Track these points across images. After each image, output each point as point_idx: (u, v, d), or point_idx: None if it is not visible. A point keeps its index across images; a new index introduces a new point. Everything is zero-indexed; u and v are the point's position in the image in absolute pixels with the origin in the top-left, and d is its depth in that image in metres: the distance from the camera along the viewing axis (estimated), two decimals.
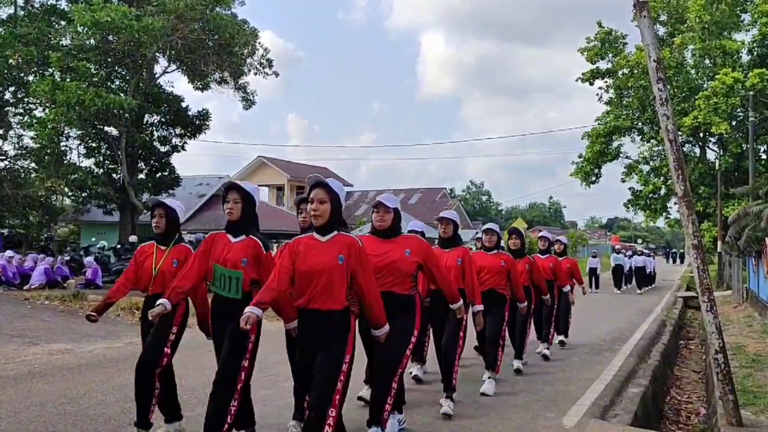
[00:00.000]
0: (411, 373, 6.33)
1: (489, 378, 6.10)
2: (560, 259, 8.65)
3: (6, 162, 22.57)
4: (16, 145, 22.42)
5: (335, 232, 3.53)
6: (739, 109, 24.55)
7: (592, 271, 21.49)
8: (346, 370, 3.45)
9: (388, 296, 3.90)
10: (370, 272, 3.63)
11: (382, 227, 4.30)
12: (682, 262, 54.76)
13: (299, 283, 3.48)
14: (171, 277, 4.06)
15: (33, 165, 22.19)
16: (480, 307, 5.13)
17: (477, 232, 55.38)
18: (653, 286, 24.13)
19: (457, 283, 4.99)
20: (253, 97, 22.58)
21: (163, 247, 4.31)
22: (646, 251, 26.07)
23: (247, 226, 3.88)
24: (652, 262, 24.27)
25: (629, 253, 25.01)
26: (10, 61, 18.72)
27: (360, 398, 5.13)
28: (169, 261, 4.23)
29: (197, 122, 21.84)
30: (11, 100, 21.21)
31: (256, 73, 21.92)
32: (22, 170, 22.50)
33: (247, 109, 23.13)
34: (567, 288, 8.50)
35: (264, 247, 3.87)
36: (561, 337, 8.91)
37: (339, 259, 3.45)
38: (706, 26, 24.83)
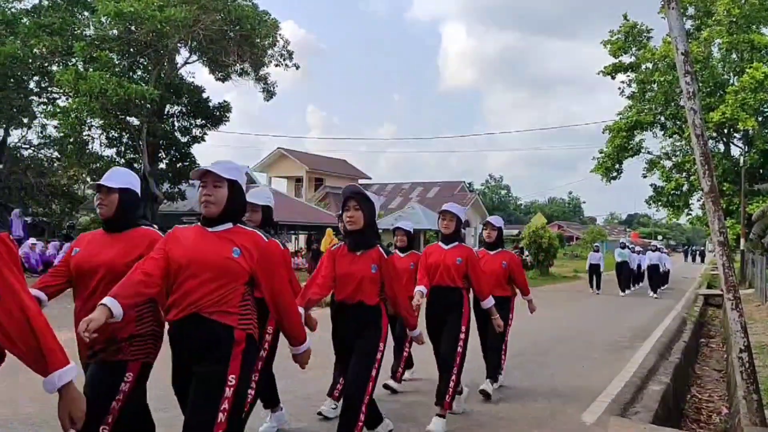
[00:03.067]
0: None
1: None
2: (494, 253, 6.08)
3: (30, 151, 22.90)
4: (40, 134, 22.73)
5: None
6: (766, 105, 24.10)
7: (593, 269, 19.30)
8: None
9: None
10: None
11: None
12: (702, 260, 53.95)
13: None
14: None
15: (56, 154, 22.49)
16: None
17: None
18: (667, 286, 21.59)
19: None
20: (273, 88, 22.63)
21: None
22: (661, 247, 23.34)
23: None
24: (666, 259, 21.40)
25: (638, 248, 22.20)
26: (35, 50, 18.93)
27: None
28: None
29: (218, 113, 21.95)
30: (35, 90, 21.48)
31: (276, 65, 21.95)
32: (45, 159, 22.81)
33: (267, 101, 23.20)
34: (528, 297, 6.41)
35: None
36: (486, 384, 5.66)
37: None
38: (735, 20, 24.36)
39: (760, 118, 24.19)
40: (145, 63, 21.00)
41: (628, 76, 28.30)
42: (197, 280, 2.57)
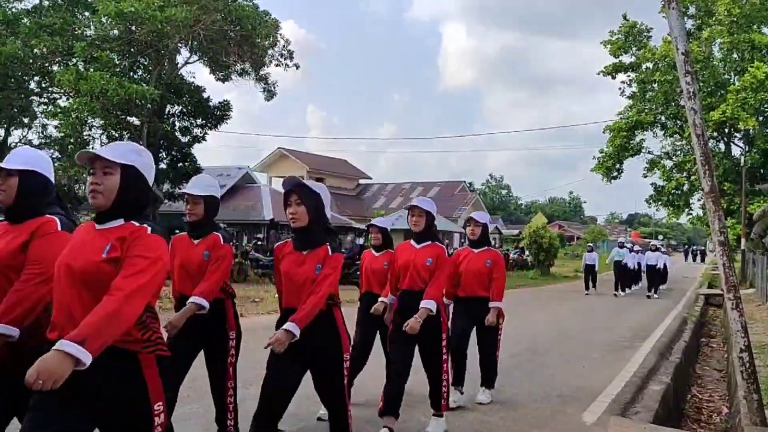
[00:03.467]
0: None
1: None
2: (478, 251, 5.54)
3: None
4: (41, 135, 22.75)
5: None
6: (767, 105, 24.08)
7: (588, 269, 19.19)
8: None
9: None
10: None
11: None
12: (703, 260, 53.83)
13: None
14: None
15: (57, 154, 22.49)
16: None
17: (496, 226, 54.42)
18: (666, 286, 21.11)
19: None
20: (274, 88, 22.64)
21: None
22: (661, 246, 22.89)
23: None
24: (665, 259, 20.97)
25: (638, 248, 21.48)
26: (35, 51, 18.94)
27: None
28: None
29: (218, 113, 21.95)
30: (36, 90, 21.50)
31: (277, 65, 21.96)
32: None
33: (268, 101, 23.21)
34: (498, 303, 5.35)
35: None
36: (482, 393, 5.54)
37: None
38: (735, 20, 24.35)
39: (760, 118, 24.17)
40: (146, 63, 21.01)
41: (629, 75, 28.30)
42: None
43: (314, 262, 3.19)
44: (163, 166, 21.92)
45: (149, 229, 2.21)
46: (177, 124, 22.04)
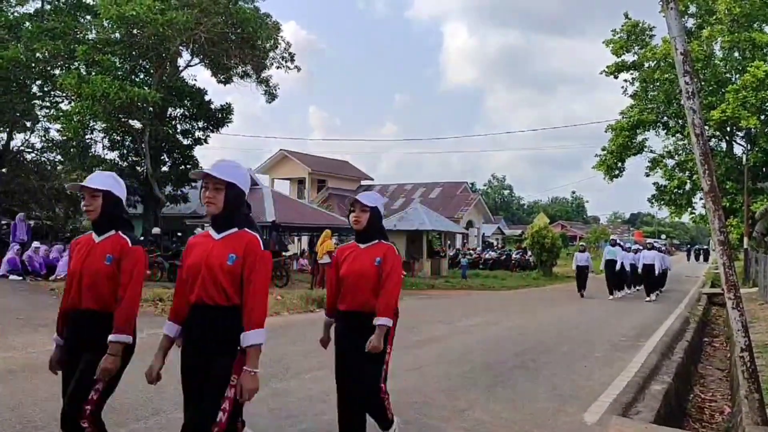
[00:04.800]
0: None
1: None
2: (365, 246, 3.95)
3: (33, 154, 22.96)
4: (43, 138, 22.80)
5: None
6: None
7: (580, 270, 17.76)
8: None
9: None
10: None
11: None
12: (706, 259, 53.69)
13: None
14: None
15: (59, 157, 22.55)
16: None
17: (498, 227, 54.45)
18: (664, 288, 19.39)
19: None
20: (275, 90, 22.68)
21: None
22: (661, 245, 21.32)
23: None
24: (664, 259, 18.97)
25: (635, 246, 19.34)
26: (37, 54, 18.99)
27: None
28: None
29: (220, 115, 22.02)
30: (38, 94, 21.56)
31: (278, 67, 22.00)
32: (48, 162, 22.88)
33: (269, 103, 23.26)
34: (383, 321, 3.67)
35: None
36: None
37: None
38: (736, 18, 24.33)
39: (762, 117, 24.13)
40: (147, 66, 21.05)
41: (631, 74, 28.29)
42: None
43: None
44: (165, 169, 21.98)
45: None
46: (179, 126, 22.10)
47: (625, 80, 28.64)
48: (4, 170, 21.34)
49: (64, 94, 19.84)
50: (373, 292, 3.72)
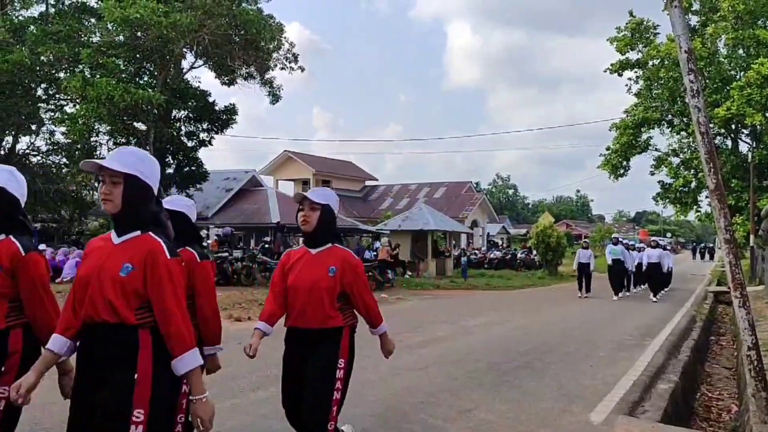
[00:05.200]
0: None
1: None
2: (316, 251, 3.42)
3: (38, 157, 23.08)
4: (48, 141, 22.93)
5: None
6: None
7: (582, 268, 17.04)
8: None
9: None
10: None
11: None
12: (711, 258, 53.55)
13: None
14: None
15: (64, 160, 22.66)
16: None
17: (503, 226, 54.27)
18: (669, 288, 19.01)
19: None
20: (279, 91, 22.73)
21: None
22: (665, 243, 20.85)
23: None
24: (669, 258, 18.62)
25: (641, 245, 19.01)
26: (42, 58, 19.08)
27: None
28: None
29: (224, 117, 22.08)
30: (43, 97, 21.66)
31: (282, 68, 22.05)
32: (53, 165, 23.00)
33: (273, 104, 23.31)
34: (381, 328, 3.53)
35: None
36: None
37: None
38: (740, 16, 24.24)
39: (767, 114, 24.05)
40: (152, 68, 21.13)
41: (636, 72, 28.22)
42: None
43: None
44: (170, 170, 22.04)
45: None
46: (183, 128, 22.17)
47: (630, 78, 28.59)
48: None
49: (68, 97, 19.93)
50: (327, 307, 3.20)
